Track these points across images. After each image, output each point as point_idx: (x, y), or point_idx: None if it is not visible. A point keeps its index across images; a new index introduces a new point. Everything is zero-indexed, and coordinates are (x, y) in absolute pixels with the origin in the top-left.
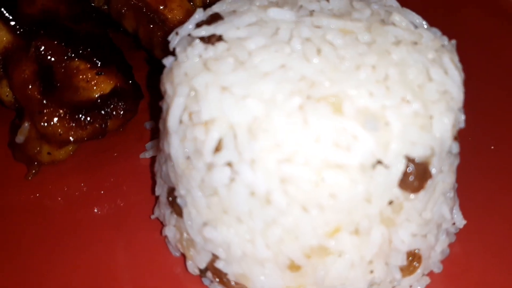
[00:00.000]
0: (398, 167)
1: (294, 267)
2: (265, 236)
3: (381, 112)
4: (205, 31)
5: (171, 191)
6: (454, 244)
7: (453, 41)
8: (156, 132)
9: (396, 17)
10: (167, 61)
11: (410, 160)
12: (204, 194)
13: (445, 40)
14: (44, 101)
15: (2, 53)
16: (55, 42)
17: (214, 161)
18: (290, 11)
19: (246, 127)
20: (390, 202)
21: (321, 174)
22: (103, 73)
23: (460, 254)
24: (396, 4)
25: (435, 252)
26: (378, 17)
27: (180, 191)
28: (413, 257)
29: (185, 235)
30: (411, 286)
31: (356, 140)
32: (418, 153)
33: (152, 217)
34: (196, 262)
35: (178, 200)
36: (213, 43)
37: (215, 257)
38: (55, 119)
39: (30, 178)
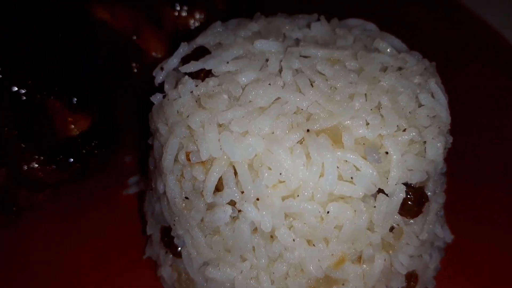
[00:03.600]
0: (399, 195)
1: None
2: (269, 272)
3: (379, 141)
4: (193, 66)
5: (166, 231)
6: (443, 259)
7: (433, 63)
8: (139, 167)
9: (380, 43)
10: (155, 98)
11: (408, 186)
12: (204, 233)
13: (426, 63)
14: (22, 145)
15: None
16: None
17: (215, 200)
18: (276, 42)
19: (247, 165)
20: (391, 229)
21: (326, 207)
22: (79, 111)
23: (449, 267)
24: (375, 29)
25: (429, 269)
26: (361, 43)
27: (178, 231)
28: (410, 277)
29: (183, 275)
30: None
31: (359, 171)
32: (416, 179)
33: (144, 257)
34: None
35: (176, 241)
36: (202, 79)
37: None
38: (34, 164)
39: (8, 225)
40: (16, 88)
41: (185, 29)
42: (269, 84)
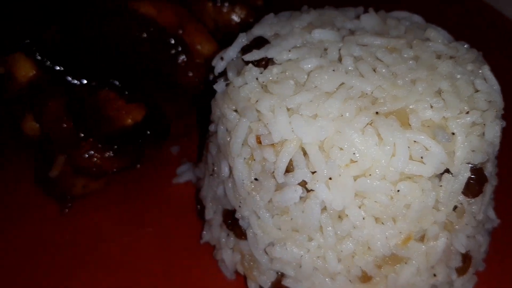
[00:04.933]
0: (464, 175)
1: (365, 278)
2: (336, 251)
3: (444, 123)
4: (256, 54)
5: (229, 213)
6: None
7: (480, 53)
8: (187, 157)
9: (431, 33)
10: (219, 86)
11: (472, 166)
12: (271, 214)
13: (475, 51)
14: (79, 134)
15: (27, 88)
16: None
17: (286, 181)
18: (332, 31)
19: (318, 146)
20: (455, 208)
21: (396, 186)
22: (132, 101)
23: (495, 251)
24: (422, 21)
25: (480, 251)
26: (412, 34)
27: (243, 212)
28: (465, 258)
29: (247, 256)
30: (463, 285)
31: (428, 151)
32: (478, 160)
33: (201, 241)
34: (260, 282)
35: (240, 222)
36: (264, 67)
37: (281, 276)
38: (92, 152)
39: (65, 213)
40: (72, 80)
41: (226, 24)
42: (333, 70)
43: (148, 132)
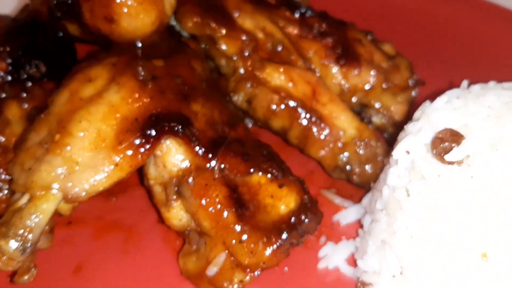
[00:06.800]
0: None
1: None
2: None
3: None
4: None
5: None
6: None
7: None
8: None
9: None
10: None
11: None
12: None
13: None
14: (244, 228)
15: (177, 175)
16: (236, 158)
17: None
18: None
19: None
20: None
21: None
22: (285, 185)
23: None
24: None
25: None
26: None
27: None
28: None
29: None
30: None
31: None
32: None
33: None
34: None
35: None
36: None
37: None
38: (260, 247)
39: None
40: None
41: (353, 89)
42: None
43: (307, 220)
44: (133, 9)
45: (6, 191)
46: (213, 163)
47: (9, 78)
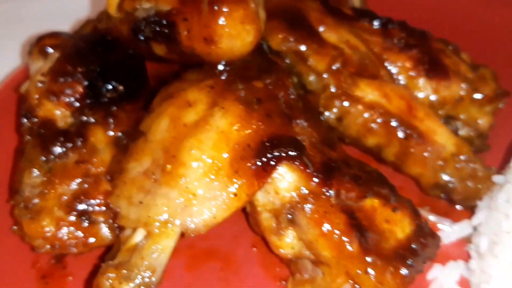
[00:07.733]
0: None
1: None
2: None
3: None
4: None
5: None
6: None
7: None
8: None
9: None
10: None
11: None
12: None
13: None
14: (369, 257)
15: (291, 202)
16: (349, 183)
17: None
18: None
19: None
20: None
21: None
22: (398, 209)
23: None
24: None
25: None
26: None
27: None
28: None
29: None
30: None
31: None
32: None
33: None
34: None
35: None
36: None
37: None
38: (388, 277)
39: None
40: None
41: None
42: None
43: (427, 246)
44: (235, 29)
45: (86, 223)
46: (329, 189)
47: (88, 101)
